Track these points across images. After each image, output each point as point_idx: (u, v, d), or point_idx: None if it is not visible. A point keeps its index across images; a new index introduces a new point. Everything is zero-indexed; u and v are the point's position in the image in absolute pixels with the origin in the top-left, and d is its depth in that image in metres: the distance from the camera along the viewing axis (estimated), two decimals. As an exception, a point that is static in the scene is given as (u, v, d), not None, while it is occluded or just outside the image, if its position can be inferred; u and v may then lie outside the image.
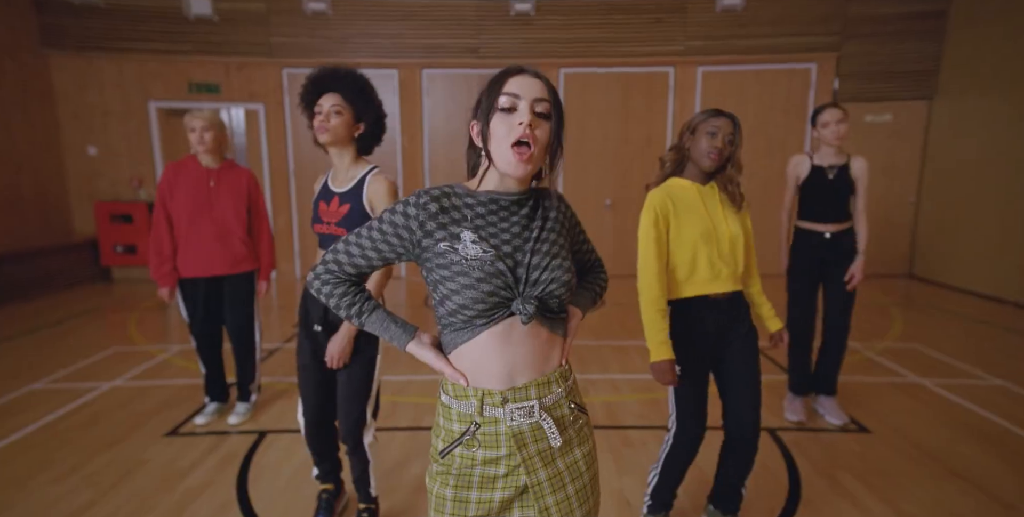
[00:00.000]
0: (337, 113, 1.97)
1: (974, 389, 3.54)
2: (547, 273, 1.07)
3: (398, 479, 2.58)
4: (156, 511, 2.33)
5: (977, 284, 6.05)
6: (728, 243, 1.91)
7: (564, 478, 1.10)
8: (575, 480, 1.12)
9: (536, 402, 1.07)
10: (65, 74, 6.54)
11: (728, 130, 1.88)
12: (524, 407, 1.06)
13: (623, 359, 4.15)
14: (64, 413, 3.24)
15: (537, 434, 1.08)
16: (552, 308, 1.09)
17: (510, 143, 1.03)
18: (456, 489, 1.09)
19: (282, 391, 3.58)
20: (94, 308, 5.72)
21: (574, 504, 1.11)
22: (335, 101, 1.97)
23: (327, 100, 1.97)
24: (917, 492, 2.44)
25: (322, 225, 2.04)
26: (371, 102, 2.04)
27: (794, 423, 3.11)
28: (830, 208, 2.98)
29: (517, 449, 1.06)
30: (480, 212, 1.08)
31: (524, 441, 1.06)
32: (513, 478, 1.08)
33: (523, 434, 1.06)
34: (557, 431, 1.08)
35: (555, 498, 1.09)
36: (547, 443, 1.08)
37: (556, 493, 1.09)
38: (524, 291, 1.04)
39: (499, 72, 1.10)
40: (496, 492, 1.08)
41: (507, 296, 1.04)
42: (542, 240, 1.09)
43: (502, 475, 1.08)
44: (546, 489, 1.08)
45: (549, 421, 1.08)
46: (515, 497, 1.10)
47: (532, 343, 1.08)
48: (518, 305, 1.03)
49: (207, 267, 3.04)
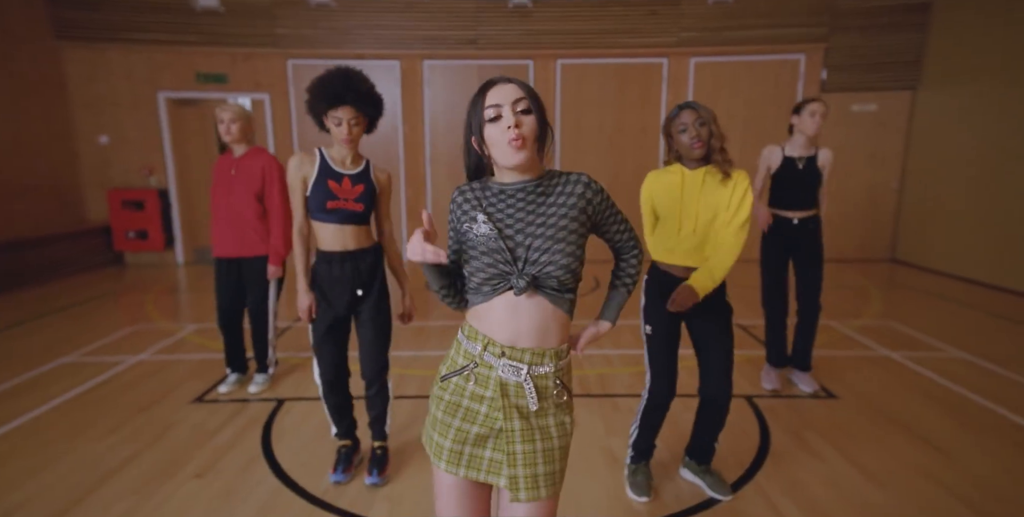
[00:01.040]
0: (356, 125, 2.23)
1: (938, 361, 3.82)
2: (547, 256, 1.23)
3: (404, 440, 2.85)
4: (191, 464, 2.60)
5: (955, 267, 6.32)
6: (692, 224, 2.15)
7: (535, 435, 1.26)
8: (544, 440, 1.27)
9: (526, 366, 1.25)
10: (77, 65, 6.75)
11: (692, 118, 2.12)
12: (514, 366, 1.25)
13: (616, 337, 4.41)
14: (97, 383, 3.50)
15: (519, 392, 1.27)
16: (551, 286, 1.24)
17: (507, 142, 1.23)
18: (444, 413, 1.30)
19: (296, 365, 3.84)
20: (109, 291, 5.97)
21: (539, 459, 1.25)
22: (352, 115, 2.20)
23: (345, 113, 2.19)
24: (874, 448, 2.72)
25: (339, 201, 2.29)
26: (379, 107, 2.29)
27: (769, 391, 3.38)
28: (798, 196, 3.22)
29: (499, 395, 1.26)
30: (492, 201, 1.30)
31: (508, 392, 1.26)
32: (491, 419, 1.27)
33: (508, 386, 1.26)
34: (536, 397, 1.27)
35: (523, 448, 1.25)
36: (524, 400, 1.27)
37: (524, 444, 1.25)
38: (523, 268, 1.24)
39: (478, 89, 1.28)
40: (474, 426, 1.28)
41: (505, 270, 1.23)
42: (547, 226, 1.25)
43: (483, 413, 1.27)
44: (516, 437, 1.24)
45: (531, 386, 1.26)
46: (489, 436, 1.28)
47: (535, 315, 1.25)
48: (513, 279, 1.23)
49: (226, 249, 3.29)
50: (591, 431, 2.91)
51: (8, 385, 3.45)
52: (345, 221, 2.31)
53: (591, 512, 2.24)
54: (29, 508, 2.26)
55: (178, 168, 7.16)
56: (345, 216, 2.30)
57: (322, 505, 2.30)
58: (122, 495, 2.35)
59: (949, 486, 2.40)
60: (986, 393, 3.31)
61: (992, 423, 2.96)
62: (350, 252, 2.34)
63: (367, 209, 2.35)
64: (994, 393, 3.30)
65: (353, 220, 2.33)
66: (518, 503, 1.28)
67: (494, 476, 1.27)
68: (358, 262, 2.35)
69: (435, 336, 4.45)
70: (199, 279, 6.57)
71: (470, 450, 1.28)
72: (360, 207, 2.31)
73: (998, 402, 3.18)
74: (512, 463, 1.24)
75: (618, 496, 2.36)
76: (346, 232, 2.33)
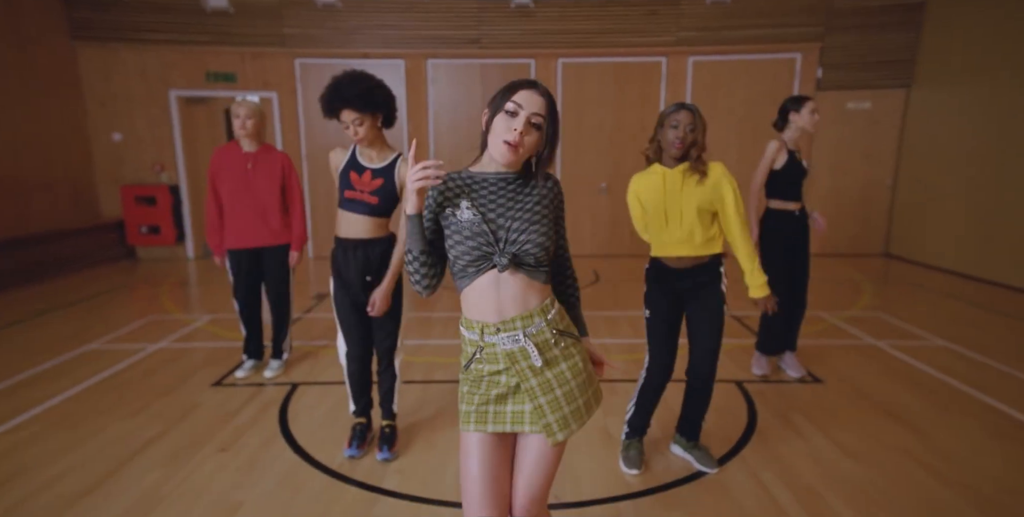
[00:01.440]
0: (359, 124, 2.39)
1: (921, 349, 4.00)
2: (524, 236, 1.38)
3: (411, 422, 3.03)
4: (215, 440, 2.79)
5: (946, 261, 6.49)
6: (679, 217, 2.33)
7: (552, 384, 1.46)
8: (562, 385, 1.46)
9: (520, 331, 1.42)
10: (91, 64, 6.93)
11: (688, 121, 2.29)
12: (511, 336, 1.42)
13: (613, 327, 4.59)
14: (121, 368, 3.70)
15: (524, 354, 1.43)
16: (529, 263, 1.40)
17: (502, 140, 1.39)
18: (471, 385, 1.49)
19: (308, 352, 4.03)
20: (124, 284, 6.17)
21: (562, 402, 1.46)
22: (353, 116, 2.37)
23: (346, 116, 2.37)
24: (853, 427, 2.90)
25: (355, 192, 2.46)
26: (380, 100, 2.43)
27: (759, 376, 3.56)
28: (798, 189, 3.38)
29: (511, 364, 1.43)
30: (475, 188, 1.45)
31: (515, 359, 1.43)
32: (504, 380, 1.44)
33: (514, 353, 1.43)
34: (538, 353, 1.43)
35: (546, 398, 1.45)
36: (530, 360, 1.43)
37: (546, 395, 1.44)
38: (504, 248, 1.40)
39: (516, 81, 1.43)
40: (494, 389, 1.45)
41: (488, 251, 1.37)
42: (524, 211, 1.41)
43: (503, 382, 1.45)
44: (537, 392, 1.44)
45: (531, 346, 1.43)
46: (507, 394, 1.45)
47: (515, 287, 1.43)
48: (496, 258, 1.38)
49: (247, 240, 3.46)
50: (588, 412, 3.08)
51: (39, 370, 3.65)
52: (360, 211, 2.47)
53: (587, 484, 2.42)
54: (70, 478, 2.45)
55: (188, 165, 7.35)
56: (361, 206, 2.47)
57: (338, 477, 2.49)
58: (153, 467, 2.54)
59: (920, 460, 2.58)
60: (963, 378, 3.48)
61: (966, 405, 3.14)
62: (361, 241, 2.51)
63: (383, 203, 2.48)
64: (971, 378, 3.48)
65: (368, 211, 2.48)
66: (538, 442, 1.45)
67: (519, 425, 1.44)
68: (368, 251, 2.52)
69: (439, 326, 4.64)
70: (209, 273, 6.76)
71: (492, 408, 1.45)
72: (375, 200, 2.46)
73: (974, 386, 3.36)
74: (542, 414, 1.42)
75: (612, 469, 2.54)
76: (360, 222, 2.49)
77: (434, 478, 2.48)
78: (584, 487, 2.40)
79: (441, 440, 2.81)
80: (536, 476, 1.47)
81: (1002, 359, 3.78)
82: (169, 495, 2.33)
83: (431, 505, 2.28)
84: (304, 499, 2.32)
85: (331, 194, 6.35)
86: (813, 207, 3.56)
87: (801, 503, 2.27)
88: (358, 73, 2.41)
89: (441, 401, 3.24)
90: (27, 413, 3.05)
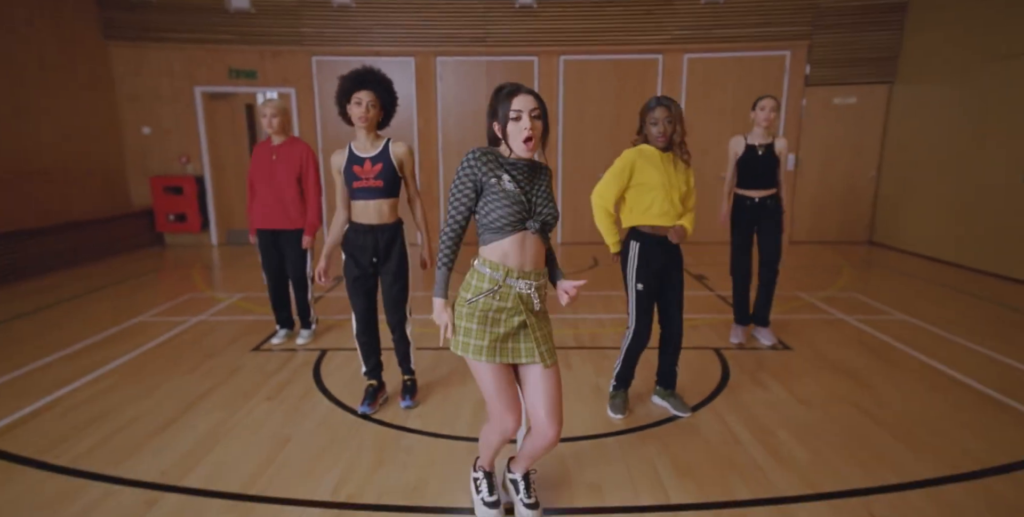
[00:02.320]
0: (373, 107, 2.80)
1: (883, 322, 4.44)
2: (546, 209, 1.86)
3: (427, 380, 3.50)
4: (261, 392, 3.26)
5: (925, 248, 6.91)
6: (676, 194, 2.76)
7: (542, 323, 1.95)
8: (543, 328, 1.94)
9: (533, 281, 1.90)
10: (122, 62, 7.40)
11: (664, 115, 2.71)
12: (528, 283, 1.89)
13: (607, 304, 5.04)
14: (170, 336, 4.18)
15: (528, 298, 1.90)
16: (547, 229, 1.90)
17: (522, 140, 1.83)
18: (478, 324, 1.90)
19: (332, 325, 4.50)
20: (157, 267, 6.66)
21: (549, 337, 1.96)
22: (371, 98, 2.77)
23: (366, 95, 2.75)
24: (809, 382, 3.36)
25: (361, 181, 2.86)
26: (391, 94, 2.86)
27: (735, 345, 4.01)
28: (758, 178, 3.81)
29: (519, 304, 1.88)
30: (510, 168, 1.89)
31: (524, 300, 1.89)
32: (511, 322, 1.89)
33: (524, 296, 1.89)
34: (539, 302, 1.92)
35: (540, 333, 1.93)
36: (531, 305, 1.90)
37: (540, 330, 1.93)
38: (534, 215, 1.87)
39: (506, 91, 1.85)
40: (501, 329, 1.89)
41: (523, 216, 1.85)
42: (541, 190, 1.87)
43: (504, 319, 1.89)
44: (536, 326, 1.91)
45: (535, 293, 1.91)
46: (511, 333, 1.90)
47: (535, 248, 1.89)
48: (531, 223, 1.85)
49: (268, 222, 3.90)
50: (583, 373, 3.55)
51: (103, 336, 4.15)
52: (371, 197, 2.86)
53: (579, 426, 2.88)
54: (146, 417, 2.93)
55: (212, 156, 7.82)
56: (370, 192, 2.86)
57: (369, 419, 2.96)
58: (213, 410, 3.02)
59: (861, 407, 3.03)
60: (914, 345, 3.93)
61: (912, 366, 3.58)
62: (372, 226, 2.90)
63: (388, 184, 2.86)
64: (920, 345, 3.93)
65: (377, 195, 2.86)
66: (544, 370, 1.91)
67: (519, 358, 1.91)
68: (377, 236, 2.91)
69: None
70: (233, 258, 7.24)
71: (501, 345, 1.89)
72: (380, 183, 2.84)
73: (921, 351, 3.81)
74: (538, 344, 1.89)
75: (601, 415, 3.00)
76: (372, 207, 2.87)
77: (450, 420, 2.94)
78: (577, 428, 2.85)
79: (454, 393, 3.28)
80: (556, 395, 1.93)
81: (952, 330, 4.22)
82: (230, 431, 2.81)
83: (448, 439, 2.75)
84: (342, 434, 2.79)
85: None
86: (792, 199, 3.98)
87: (756, 438, 2.73)
88: (378, 70, 2.85)
89: (452, 364, 3.69)
90: (102, 369, 3.54)
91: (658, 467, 2.48)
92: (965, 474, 2.38)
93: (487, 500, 2.12)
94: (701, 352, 3.88)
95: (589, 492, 2.30)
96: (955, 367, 3.54)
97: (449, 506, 2.22)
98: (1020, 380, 3.36)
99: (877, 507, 2.17)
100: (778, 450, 2.61)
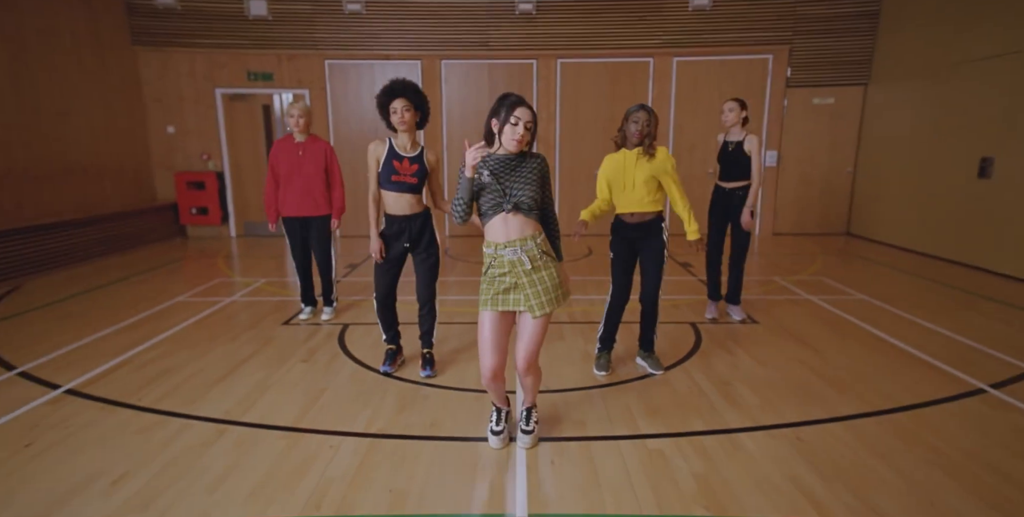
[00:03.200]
0: (408, 111, 3.33)
1: (842, 301, 4.98)
2: (520, 192, 2.35)
3: (446, 350, 4.03)
4: (296, 355, 3.79)
5: (894, 238, 7.44)
6: (632, 186, 3.29)
7: (536, 282, 2.44)
8: (540, 283, 2.44)
9: (519, 247, 2.41)
10: (149, 66, 7.93)
11: (644, 119, 3.25)
12: (513, 250, 2.40)
13: (601, 288, 5.57)
14: (207, 314, 4.71)
15: (520, 261, 2.41)
16: (523, 208, 2.40)
17: (513, 140, 2.35)
18: (487, 285, 2.46)
19: (351, 304, 5.03)
20: (184, 256, 7.19)
21: (540, 293, 2.44)
22: (404, 104, 3.29)
23: (399, 103, 3.27)
24: (769, 348, 3.89)
25: (399, 175, 3.39)
26: (425, 101, 3.40)
27: (709, 319, 4.54)
28: (730, 171, 4.34)
29: (511, 268, 2.41)
30: (492, 163, 2.42)
31: (515, 265, 2.41)
32: (505, 281, 2.41)
33: (514, 262, 2.41)
34: (528, 262, 2.42)
35: (533, 290, 2.43)
36: (522, 265, 2.41)
37: (533, 287, 2.43)
38: (508, 199, 2.38)
39: (511, 101, 2.38)
40: (499, 286, 2.43)
41: (500, 200, 2.38)
42: (522, 177, 2.40)
43: (507, 281, 2.42)
44: (526, 285, 2.42)
45: (524, 257, 2.41)
46: (510, 288, 2.43)
47: (515, 222, 2.40)
48: (505, 205, 2.38)
49: (297, 210, 4.41)
50: (574, 342, 4.07)
51: (151, 312, 4.69)
52: (404, 191, 3.39)
53: (569, 380, 3.40)
54: (202, 375, 3.46)
55: (231, 153, 8.35)
56: (404, 187, 3.39)
57: (391, 376, 3.49)
58: (257, 369, 3.55)
59: (808, 365, 3.57)
60: (865, 319, 4.46)
61: (860, 335, 4.11)
62: (405, 216, 3.41)
63: (420, 183, 3.41)
64: (871, 318, 4.46)
65: (409, 190, 3.39)
66: (532, 320, 2.43)
67: (515, 306, 2.43)
68: (410, 224, 3.43)
69: (455, 287, 5.63)
70: (252, 248, 7.77)
71: (501, 297, 2.44)
72: (415, 180, 3.38)
73: (870, 324, 4.34)
74: (528, 298, 2.41)
75: (588, 374, 3.52)
76: (404, 199, 3.39)
77: (461, 378, 3.47)
78: (567, 383, 3.38)
79: (462, 358, 3.80)
80: (530, 339, 2.46)
81: (901, 307, 4.76)
82: (274, 385, 3.34)
83: (460, 391, 3.28)
84: (368, 387, 3.32)
85: (353, 177, 7.27)
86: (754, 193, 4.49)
87: (717, 389, 3.26)
88: (404, 79, 3.36)
89: (462, 337, 4.22)
90: (157, 337, 4.08)
91: (632, 409, 3.01)
92: (879, 411, 2.92)
93: (493, 429, 2.65)
94: (680, 326, 4.41)
95: (575, 426, 2.83)
96: (895, 336, 4.08)
97: (462, 436, 2.75)
98: (945, 343, 3.91)
99: (804, 434, 2.71)
100: (733, 397, 3.14)
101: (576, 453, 2.58)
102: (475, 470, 2.45)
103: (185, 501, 2.20)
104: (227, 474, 2.39)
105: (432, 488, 2.31)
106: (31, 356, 3.72)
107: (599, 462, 2.50)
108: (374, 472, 2.42)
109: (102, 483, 2.31)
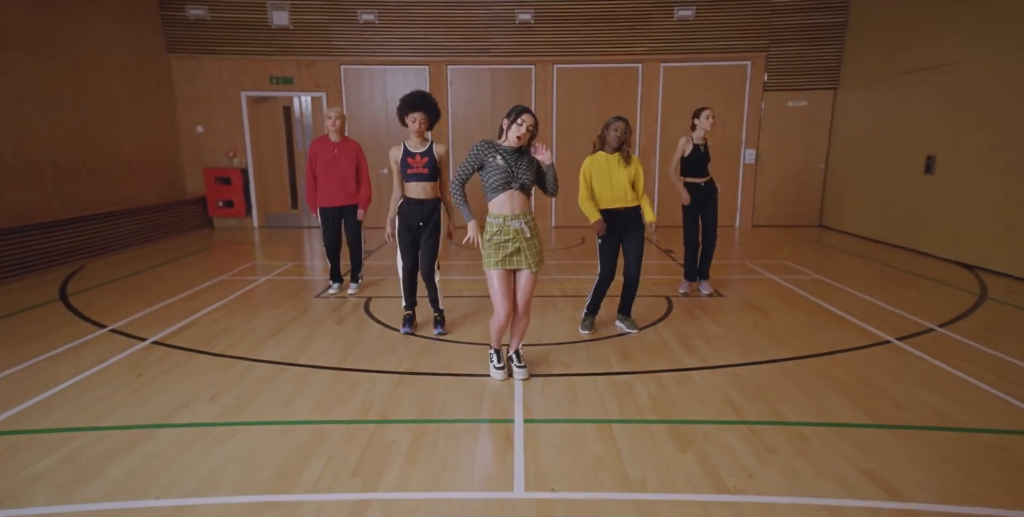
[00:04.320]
0: (423, 123, 4.07)
1: (798, 280, 5.72)
2: (524, 176, 3.14)
3: (454, 317, 4.76)
4: (329, 319, 4.53)
5: (859, 229, 8.17)
6: (616, 184, 4.02)
7: (532, 247, 3.20)
8: (532, 248, 3.20)
9: (522, 220, 3.17)
10: (180, 71, 8.66)
11: (623, 128, 3.97)
12: (518, 221, 3.15)
13: (589, 270, 6.29)
14: (247, 290, 5.45)
15: (521, 229, 3.16)
16: (526, 188, 3.18)
17: (516, 137, 3.09)
18: (494, 249, 3.17)
19: (372, 282, 5.76)
20: (214, 244, 7.94)
21: (534, 255, 3.21)
22: (421, 117, 4.04)
23: (418, 115, 4.02)
24: (728, 314, 4.63)
25: (413, 168, 4.13)
26: (436, 111, 4.14)
27: (682, 294, 5.28)
28: (701, 169, 5.07)
29: (515, 235, 3.16)
30: (502, 152, 3.16)
31: (519, 232, 3.16)
32: (510, 245, 3.15)
33: (519, 230, 3.16)
34: (528, 232, 3.19)
35: (531, 252, 3.19)
36: (524, 234, 3.17)
37: (529, 251, 3.19)
38: (516, 179, 3.13)
39: (521, 108, 3.12)
40: (506, 250, 3.16)
41: (509, 180, 3.12)
42: (523, 164, 3.17)
43: (510, 246, 3.15)
44: (525, 247, 3.18)
45: (525, 227, 3.17)
46: (513, 252, 3.16)
47: (519, 199, 3.16)
48: (514, 183, 3.12)
49: (334, 200, 5.16)
50: (564, 311, 4.80)
51: (198, 288, 5.44)
52: (419, 179, 4.13)
53: (557, 337, 4.14)
54: (254, 333, 4.20)
55: (254, 151, 9.08)
56: (419, 176, 4.13)
57: (413, 334, 4.23)
58: (300, 329, 4.29)
59: (757, 325, 4.31)
60: (814, 293, 5.20)
61: (806, 305, 4.85)
62: (420, 200, 4.16)
63: (432, 172, 4.14)
64: (819, 293, 5.20)
65: (424, 179, 4.13)
66: (528, 275, 3.19)
67: (516, 265, 3.18)
68: (424, 207, 4.19)
69: (459, 269, 6.37)
70: (273, 238, 8.51)
71: (508, 258, 3.18)
72: (426, 171, 4.11)
73: (818, 297, 5.08)
74: (527, 258, 3.17)
75: (575, 334, 4.26)
76: (420, 186, 4.14)
77: (469, 334, 4.21)
78: (557, 338, 4.13)
79: (468, 322, 4.54)
80: (527, 289, 3.24)
81: (846, 283, 5.51)
82: (316, 341, 4.08)
83: (468, 344, 4.02)
84: (394, 341, 4.06)
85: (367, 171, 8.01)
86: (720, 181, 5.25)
87: (679, 342, 4.00)
88: (427, 93, 4.11)
89: (468, 307, 4.95)
90: (211, 306, 4.83)
91: (608, 356, 3.75)
92: (803, 355, 3.67)
93: (496, 366, 3.40)
94: (656, 298, 5.15)
95: (561, 367, 3.57)
96: (833, 304, 4.83)
97: (471, 373, 3.49)
98: (870, 309, 4.68)
99: (741, 371, 3.45)
100: (691, 347, 3.89)
101: (561, 384, 3.32)
102: (482, 395, 3.19)
103: (267, 409, 2.95)
104: (294, 395, 3.13)
105: (451, 405, 3.05)
106: (116, 318, 4.47)
107: (579, 389, 3.24)
108: (406, 395, 3.16)
109: (203, 398, 3.07)
